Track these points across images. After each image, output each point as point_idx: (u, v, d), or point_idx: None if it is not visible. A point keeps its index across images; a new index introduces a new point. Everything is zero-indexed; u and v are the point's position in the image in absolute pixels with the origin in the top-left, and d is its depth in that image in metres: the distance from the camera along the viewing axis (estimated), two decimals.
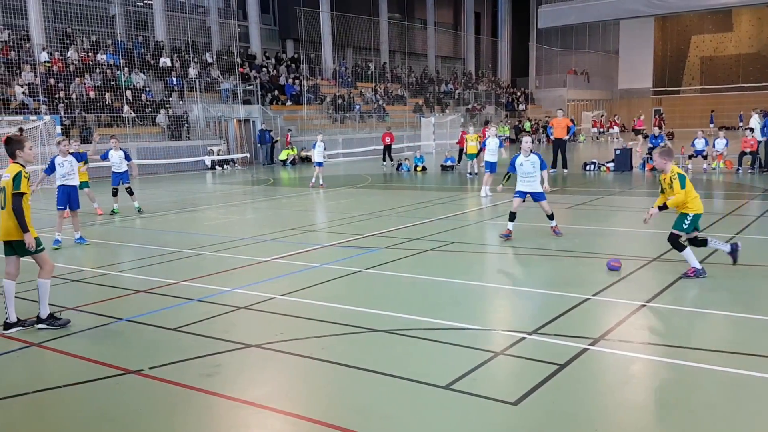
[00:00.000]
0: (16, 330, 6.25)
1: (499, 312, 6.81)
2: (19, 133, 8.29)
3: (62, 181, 10.90)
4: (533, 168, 10.28)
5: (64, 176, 10.87)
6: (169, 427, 4.24)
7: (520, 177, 10.39)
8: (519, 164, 10.38)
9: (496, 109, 53.17)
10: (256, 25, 39.82)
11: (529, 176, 10.31)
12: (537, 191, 10.35)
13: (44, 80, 26.39)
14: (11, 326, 6.28)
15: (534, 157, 10.30)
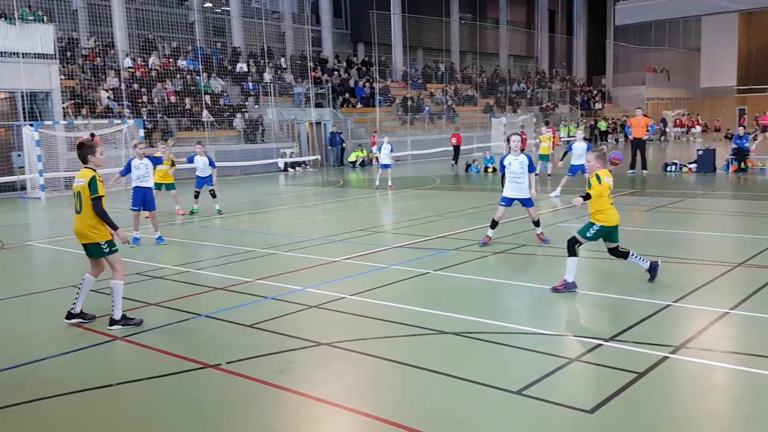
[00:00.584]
0: (75, 321, 6.57)
1: (573, 317, 6.64)
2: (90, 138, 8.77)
3: (137, 183, 11.32)
4: (521, 168, 9.81)
5: (139, 178, 11.30)
6: (246, 420, 4.35)
7: (508, 177, 9.98)
8: (507, 163, 9.96)
9: (570, 108, 51.95)
10: (329, 29, 40.44)
11: (517, 177, 9.85)
12: (525, 197, 9.94)
13: (128, 85, 27.66)
14: (73, 316, 6.59)
15: (523, 157, 9.86)
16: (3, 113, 22.76)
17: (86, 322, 6.64)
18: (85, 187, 6.31)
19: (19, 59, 21.99)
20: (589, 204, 7.35)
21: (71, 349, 5.85)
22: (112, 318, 6.43)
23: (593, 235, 7.38)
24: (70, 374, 5.28)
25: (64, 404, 4.69)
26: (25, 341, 6.25)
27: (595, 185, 7.24)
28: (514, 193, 9.95)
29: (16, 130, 22.24)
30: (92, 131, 21.44)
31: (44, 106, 23.37)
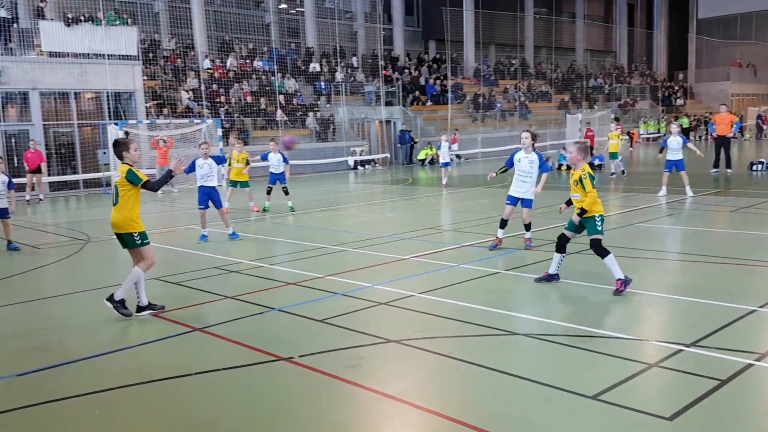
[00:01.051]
0: (146, 313, 6.86)
1: (652, 321, 6.41)
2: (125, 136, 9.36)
3: (202, 182, 11.62)
4: (531, 167, 9.41)
5: (203, 177, 11.59)
6: (316, 413, 4.43)
7: (516, 174, 9.61)
8: (517, 160, 9.54)
9: (651, 104, 50.12)
10: (400, 27, 40.54)
11: (525, 175, 9.45)
12: (527, 197, 9.54)
13: (207, 86, 28.61)
14: (142, 309, 6.88)
15: (534, 156, 9.42)
16: (90, 112, 23.98)
17: (158, 310, 6.94)
18: (123, 180, 6.65)
19: (105, 61, 23.13)
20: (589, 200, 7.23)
21: (154, 339, 6.11)
22: (112, 296, 6.75)
23: (602, 227, 7.29)
24: (153, 363, 5.52)
25: (149, 392, 4.91)
26: (110, 330, 6.57)
27: (589, 186, 7.17)
28: (518, 192, 9.62)
29: (102, 129, 23.39)
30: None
31: (128, 106, 24.48)
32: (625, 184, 18.72)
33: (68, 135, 23.49)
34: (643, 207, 13.77)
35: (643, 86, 51.51)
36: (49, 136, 22.88)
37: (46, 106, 22.65)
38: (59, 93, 22.83)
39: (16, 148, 21.59)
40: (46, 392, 4.89)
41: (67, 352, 5.82)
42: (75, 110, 23.16)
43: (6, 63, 21.47)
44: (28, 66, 21.87)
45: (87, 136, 23.96)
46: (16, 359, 5.71)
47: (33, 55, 22.52)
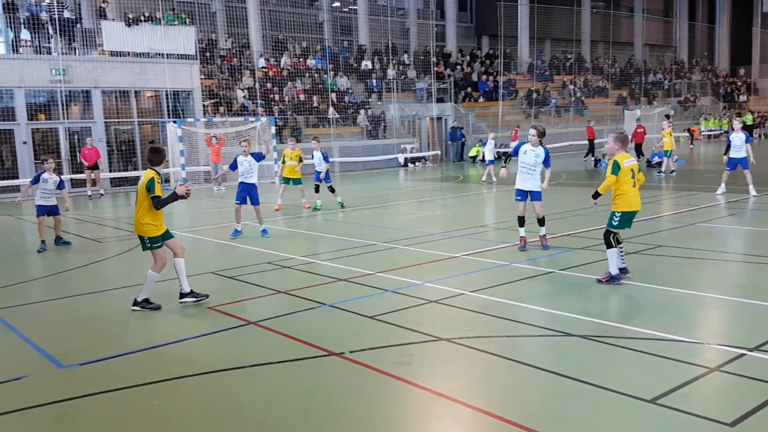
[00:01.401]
0: (189, 300, 7.21)
1: (713, 324, 6.19)
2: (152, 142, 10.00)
3: (242, 179, 11.79)
4: (535, 160, 9.35)
5: (243, 174, 11.77)
6: (367, 409, 4.45)
7: (519, 166, 9.53)
8: (522, 152, 9.49)
9: (712, 100, 48.41)
10: (453, 23, 40.29)
11: (528, 168, 9.43)
12: (535, 189, 9.42)
13: (261, 84, 29.08)
14: (185, 295, 7.25)
15: (541, 150, 9.37)
16: (149, 110, 24.70)
17: (200, 299, 7.23)
18: (143, 185, 7.00)
19: (164, 60, 23.77)
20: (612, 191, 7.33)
21: (209, 332, 6.25)
22: (136, 299, 7.15)
23: (619, 223, 7.33)
24: (208, 355, 5.64)
25: (204, 383, 5.02)
26: (167, 323, 6.76)
27: (608, 172, 7.26)
28: (525, 185, 9.53)
29: (161, 127, 24.06)
30: (226, 131, 22.75)
31: (186, 104, 25.10)
32: (686, 183, 18.13)
33: (129, 132, 24.26)
34: (704, 206, 13.31)
35: (704, 82, 49.79)
36: (110, 134, 23.68)
37: (107, 104, 23.45)
38: (120, 91, 23.59)
39: (78, 144, 22.42)
40: (107, 381, 5.05)
41: (127, 344, 6.01)
42: (135, 108, 23.89)
43: (70, 62, 22.31)
44: (90, 65, 22.67)
45: (147, 134, 24.69)
46: (78, 349, 5.93)
47: (95, 54, 23.35)
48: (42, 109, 22.77)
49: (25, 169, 21.57)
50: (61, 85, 21.99)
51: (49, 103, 22.59)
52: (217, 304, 7.16)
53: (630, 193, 7.31)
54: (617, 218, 7.32)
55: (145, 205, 7.01)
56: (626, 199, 7.31)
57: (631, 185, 7.30)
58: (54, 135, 22.45)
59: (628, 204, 7.30)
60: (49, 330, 6.62)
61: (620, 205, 7.32)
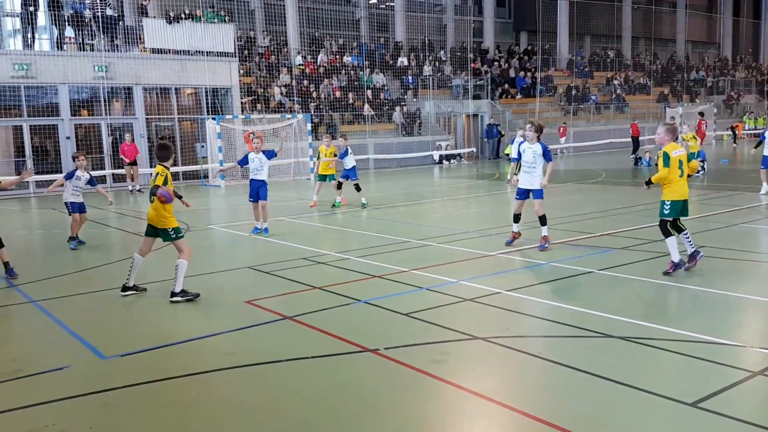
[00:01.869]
0: (130, 293, 7.55)
1: (756, 327, 6.01)
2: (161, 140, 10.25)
3: (252, 176, 11.83)
4: (534, 158, 9.39)
5: (253, 171, 11.79)
6: (401, 406, 4.44)
7: (522, 166, 9.55)
8: (522, 150, 9.57)
9: (756, 98, 47.05)
10: (491, 19, 39.95)
11: (529, 166, 9.47)
12: (536, 188, 9.35)
13: (298, 82, 29.27)
14: (128, 289, 7.57)
15: (538, 146, 9.35)
16: (189, 107, 25.12)
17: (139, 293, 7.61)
18: (152, 180, 7.38)
19: (204, 57, 24.12)
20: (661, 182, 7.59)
21: (246, 325, 6.32)
22: (173, 291, 7.26)
23: (670, 211, 7.59)
24: (245, 348, 5.71)
25: (241, 376, 5.09)
26: (206, 316, 6.86)
27: (660, 164, 7.51)
28: (526, 184, 9.52)
29: (200, 123, 24.44)
30: (263, 128, 22.99)
31: (224, 101, 25.44)
32: (729, 182, 17.65)
33: (169, 128, 24.69)
34: (747, 206, 12.94)
35: (749, 79, 48.42)
36: (151, 130, 24.15)
37: (148, 101, 23.91)
38: (161, 88, 24.03)
39: (120, 140, 22.92)
40: (147, 372, 5.16)
41: (165, 336, 6.12)
42: (175, 105, 24.31)
43: (112, 59, 22.81)
44: (132, 62, 23.15)
45: (186, 130, 25.12)
46: (118, 341, 6.06)
47: (137, 51, 23.81)
48: (85, 105, 23.35)
49: (68, 164, 22.11)
50: (103, 81, 22.50)
51: (92, 99, 23.15)
52: (254, 298, 7.24)
53: (678, 182, 7.56)
54: (667, 207, 7.60)
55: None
56: (674, 188, 7.57)
57: (679, 175, 7.55)
58: (96, 131, 22.99)
59: (676, 193, 7.56)
60: (90, 322, 6.78)
61: (668, 194, 7.59)
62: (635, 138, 28.53)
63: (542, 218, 9.45)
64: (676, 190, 7.55)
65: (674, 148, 7.57)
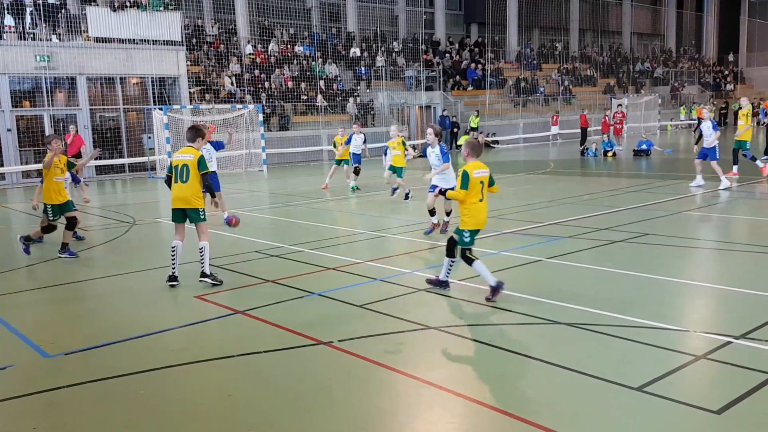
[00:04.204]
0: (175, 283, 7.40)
1: (700, 312, 6.24)
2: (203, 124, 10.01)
3: None
4: (438, 161, 9.73)
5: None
6: (357, 398, 4.45)
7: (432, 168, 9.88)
8: (428, 154, 9.93)
9: (699, 89, 48.68)
10: (442, 11, 40.11)
11: (434, 168, 9.77)
12: (446, 186, 9.29)
13: (249, 71, 28.82)
14: (173, 279, 7.44)
15: (438, 149, 9.70)
16: (135, 97, 24.46)
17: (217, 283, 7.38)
18: (195, 162, 7.34)
19: (150, 46, 23.50)
20: (459, 205, 6.65)
21: (196, 321, 6.22)
22: (203, 272, 7.38)
23: (469, 239, 6.60)
24: (196, 344, 5.61)
25: (192, 372, 5.00)
26: (155, 312, 6.71)
27: (460, 183, 6.48)
28: (439, 181, 9.68)
29: (147, 114, 23.84)
30: (213, 119, 22.61)
31: (172, 91, 24.87)
32: (673, 171, 18.22)
33: (114, 119, 24.01)
34: (690, 195, 13.39)
35: (692, 71, 50.05)
36: (95, 121, 23.42)
37: (92, 91, 23.17)
38: (105, 78, 23.32)
39: (63, 132, 22.15)
40: (94, 371, 5.02)
41: (113, 333, 5.96)
42: (121, 95, 23.64)
43: (54, 49, 22.00)
44: (75, 51, 22.37)
45: (132, 121, 24.46)
46: (64, 338, 5.88)
47: (80, 40, 23.03)
48: (26, 96, 22.47)
49: (9, 157, 21.33)
50: (45, 71, 21.70)
51: (34, 90, 22.30)
52: (205, 293, 7.12)
53: (476, 210, 6.61)
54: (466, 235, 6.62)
55: (197, 181, 7.36)
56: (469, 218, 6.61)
57: (478, 198, 6.60)
58: (39, 122, 22.18)
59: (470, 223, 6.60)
60: (34, 319, 6.56)
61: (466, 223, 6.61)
62: (584, 129, 29.16)
63: (448, 213, 9.85)
64: (473, 221, 6.57)
65: (477, 168, 6.57)
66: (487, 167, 6.70)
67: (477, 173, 6.56)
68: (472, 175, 6.52)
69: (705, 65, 53.11)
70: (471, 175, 6.51)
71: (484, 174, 6.61)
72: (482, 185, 6.60)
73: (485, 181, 6.63)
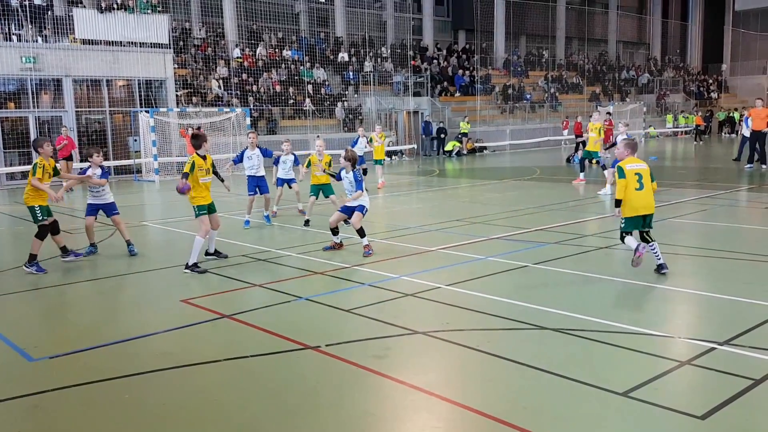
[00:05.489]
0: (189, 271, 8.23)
1: (684, 318, 6.30)
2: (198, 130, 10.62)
3: (250, 172, 11.97)
4: (351, 186, 9.37)
5: (251, 168, 11.94)
6: (345, 402, 4.44)
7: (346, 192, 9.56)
8: (343, 179, 9.55)
9: (684, 97, 49.23)
10: (430, 17, 40.27)
11: (349, 193, 9.43)
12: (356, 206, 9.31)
13: (237, 75, 28.76)
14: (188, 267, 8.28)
15: (352, 176, 9.35)
16: (121, 100, 24.31)
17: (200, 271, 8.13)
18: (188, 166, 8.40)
19: (137, 48, 23.38)
20: None
21: (182, 325, 6.18)
22: (187, 263, 8.23)
23: (625, 225, 7.55)
24: (183, 348, 5.58)
25: (178, 376, 4.97)
26: (140, 315, 6.67)
27: (618, 174, 7.48)
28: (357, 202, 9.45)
29: (133, 116, 23.70)
30: (200, 122, 22.54)
31: (159, 94, 24.75)
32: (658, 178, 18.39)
33: (100, 122, 23.84)
34: (674, 202, 13.52)
35: (677, 79, 50.61)
36: (81, 123, 23.25)
37: (78, 93, 23.01)
38: (92, 80, 23.17)
39: (49, 134, 21.99)
40: (78, 374, 4.97)
41: (98, 336, 5.92)
42: (107, 97, 23.49)
43: (40, 50, 21.84)
44: (62, 53, 22.22)
45: (118, 123, 24.31)
46: (48, 342, 5.83)
47: (67, 42, 22.87)
48: (11, 97, 22.28)
49: None
50: (31, 73, 21.52)
51: (19, 91, 22.11)
52: (191, 297, 7.09)
53: (631, 198, 7.41)
54: (622, 222, 7.60)
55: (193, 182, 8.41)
56: (626, 205, 7.47)
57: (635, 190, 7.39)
58: (24, 124, 21.99)
59: (629, 210, 7.46)
60: (18, 323, 6.49)
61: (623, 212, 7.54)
62: (578, 137, 29.20)
63: (360, 231, 9.20)
64: (629, 205, 7.42)
65: (633, 162, 7.52)
66: (644, 162, 7.68)
67: (630, 167, 7.46)
68: (625, 168, 7.43)
69: (690, 74, 53.69)
70: (625, 169, 7.42)
71: (641, 167, 7.51)
72: (639, 176, 7.41)
73: (643, 173, 7.45)
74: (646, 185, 7.41)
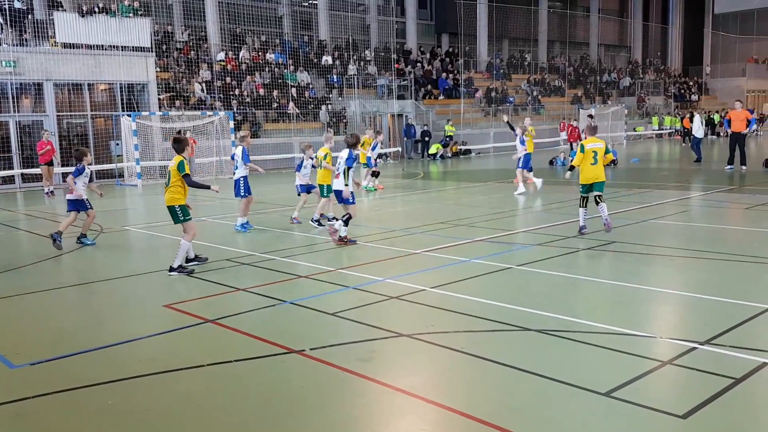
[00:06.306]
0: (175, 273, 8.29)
1: (666, 319, 6.37)
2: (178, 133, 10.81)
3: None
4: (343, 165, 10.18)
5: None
6: (329, 406, 4.43)
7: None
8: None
9: (665, 99, 49.75)
10: (413, 20, 40.38)
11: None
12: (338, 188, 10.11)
13: (220, 78, 28.62)
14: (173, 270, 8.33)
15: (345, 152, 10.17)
16: (103, 104, 24.09)
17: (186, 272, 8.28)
18: (175, 167, 8.45)
19: (119, 52, 23.20)
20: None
21: (166, 330, 6.14)
22: (171, 266, 8.34)
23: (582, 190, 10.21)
24: (166, 353, 5.55)
25: (162, 382, 4.93)
26: (123, 320, 6.61)
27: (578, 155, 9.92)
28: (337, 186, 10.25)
29: (115, 120, 23.50)
30: (183, 126, 22.41)
31: (141, 97, 24.57)
32: (639, 180, 18.57)
33: (82, 126, 23.61)
34: (656, 203, 13.66)
35: (657, 82, 51.16)
36: (62, 127, 23.02)
37: (59, 97, 22.77)
38: (73, 84, 22.94)
39: (29, 138, 21.74)
40: (60, 381, 4.92)
41: (80, 342, 5.86)
42: (88, 101, 23.27)
43: (21, 54, 21.59)
44: (42, 57, 21.98)
45: (100, 127, 24.08)
46: (29, 349, 5.76)
47: (47, 46, 22.64)
48: None
49: None
50: (11, 77, 21.27)
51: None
52: (174, 302, 7.05)
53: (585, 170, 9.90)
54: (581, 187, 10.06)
55: (177, 184, 8.44)
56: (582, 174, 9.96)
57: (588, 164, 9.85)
58: (4, 128, 21.72)
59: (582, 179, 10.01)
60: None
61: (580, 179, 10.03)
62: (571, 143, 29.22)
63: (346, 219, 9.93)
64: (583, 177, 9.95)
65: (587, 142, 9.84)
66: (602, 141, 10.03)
67: (590, 146, 9.83)
68: (586, 147, 9.86)
69: (670, 76, 54.29)
70: (585, 147, 9.86)
71: (598, 146, 9.88)
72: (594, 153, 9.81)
73: (598, 151, 9.84)
74: (599, 161, 9.77)
